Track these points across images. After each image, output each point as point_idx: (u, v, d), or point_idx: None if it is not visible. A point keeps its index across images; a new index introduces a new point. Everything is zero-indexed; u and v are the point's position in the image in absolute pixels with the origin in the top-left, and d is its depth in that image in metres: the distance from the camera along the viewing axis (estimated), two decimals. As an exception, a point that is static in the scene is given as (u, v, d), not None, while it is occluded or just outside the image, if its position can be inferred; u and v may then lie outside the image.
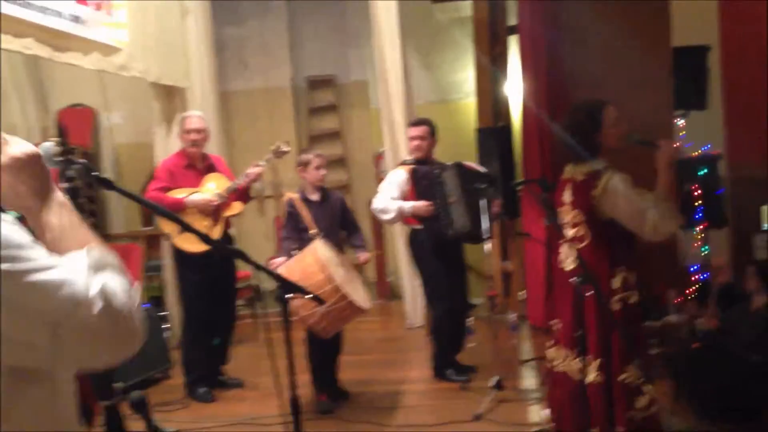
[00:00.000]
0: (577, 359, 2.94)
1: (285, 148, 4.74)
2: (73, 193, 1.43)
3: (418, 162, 4.68)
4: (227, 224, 4.78)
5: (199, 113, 4.97)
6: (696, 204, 5.67)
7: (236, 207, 4.79)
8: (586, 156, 3.03)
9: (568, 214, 3.10)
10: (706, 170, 5.75)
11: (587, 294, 2.77)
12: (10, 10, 3.90)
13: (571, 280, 2.88)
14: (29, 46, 4.17)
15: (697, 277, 5.82)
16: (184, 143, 4.74)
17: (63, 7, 4.41)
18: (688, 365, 4.05)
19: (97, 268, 1.10)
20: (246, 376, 4.97)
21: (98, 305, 1.05)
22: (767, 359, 3.84)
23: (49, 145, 1.45)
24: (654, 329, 5.02)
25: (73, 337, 1.04)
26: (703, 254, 5.89)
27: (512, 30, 6.32)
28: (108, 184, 1.72)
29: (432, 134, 4.71)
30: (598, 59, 5.54)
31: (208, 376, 4.77)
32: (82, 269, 1.08)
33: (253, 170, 4.66)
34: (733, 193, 5.92)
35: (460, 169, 4.56)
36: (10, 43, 3.99)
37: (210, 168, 4.79)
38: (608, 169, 2.98)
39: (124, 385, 2.56)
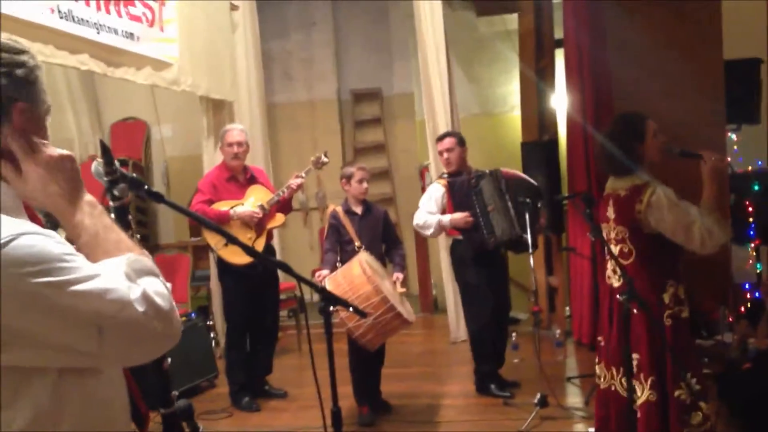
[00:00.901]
0: (625, 377, 2.89)
1: (325, 159, 4.78)
2: (120, 211, 1.47)
3: (453, 174, 4.67)
4: (269, 236, 4.84)
5: (241, 126, 5.04)
6: (749, 220, 5.52)
7: (279, 219, 4.85)
8: (628, 168, 2.98)
9: (612, 230, 3.06)
10: (758, 186, 5.60)
11: (634, 311, 2.72)
12: (66, 27, 4.03)
13: (618, 297, 2.84)
14: (85, 61, 4.31)
15: (749, 295, 5.65)
16: (226, 156, 4.81)
17: (118, 24, 4.55)
18: (738, 386, 3.93)
19: (137, 273, 1.18)
20: (289, 386, 5.01)
21: (140, 308, 1.13)
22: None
23: (95, 166, 1.50)
24: (704, 348, 4.90)
25: (118, 337, 1.12)
26: (756, 272, 5.73)
27: (558, 43, 6.27)
28: (158, 198, 1.76)
29: (460, 144, 4.69)
30: (646, 73, 5.45)
31: (252, 386, 4.82)
32: (123, 275, 1.15)
33: (294, 182, 4.72)
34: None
35: (496, 176, 4.53)
36: (66, 59, 4.12)
37: (251, 180, 4.86)
38: (651, 183, 2.93)
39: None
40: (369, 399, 4.40)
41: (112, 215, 1.46)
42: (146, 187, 1.65)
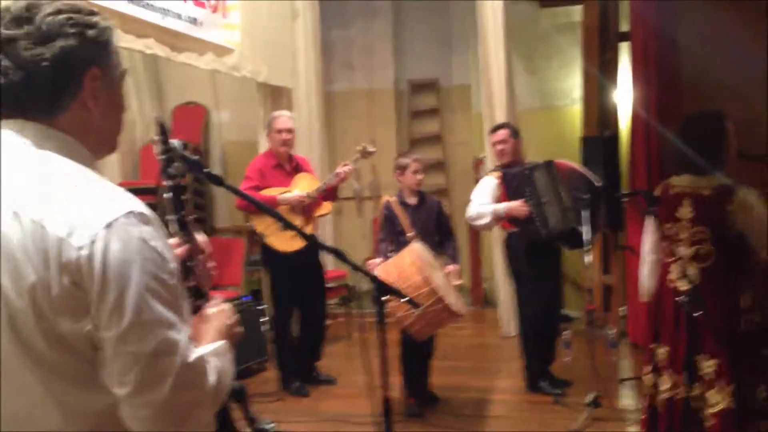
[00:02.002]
0: (690, 385, 2.81)
1: (371, 149, 4.76)
2: (175, 191, 1.46)
3: (506, 166, 4.60)
4: (316, 224, 4.87)
5: (289, 113, 5.04)
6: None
7: (325, 207, 4.87)
8: (711, 168, 2.88)
9: (686, 231, 2.93)
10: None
11: (699, 315, 2.64)
12: (133, 11, 4.12)
13: (678, 299, 2.75)
14: (150, 45, 4.40)
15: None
16: (274, 143, 4.81)
17: (182, 9, 4.63)
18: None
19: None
20: (339, 374, 5.03)
21: (191, 363, 1.10)
22: None
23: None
24: None
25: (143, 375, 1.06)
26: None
27: (623, 36, 6.11)
28: (217, 181, 1.77)
29: (514, 135, 4.63)
30: (714, 67, 5.27)
31: (302, 372, 4.86)
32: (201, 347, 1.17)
33: (341, 169, 4.71)
34: None
35: (550, 167, 4.44)
36: (132, 42, 4.21)
37: (297, 168, 4.88)
38: (740, 184, 2.83)
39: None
40: (417, 390, 4.39)
41: (168, 194, 1.47)
42: (206, 170, 1.67)
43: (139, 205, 1.10)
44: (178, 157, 1.49)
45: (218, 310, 1.36)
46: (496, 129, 4.75)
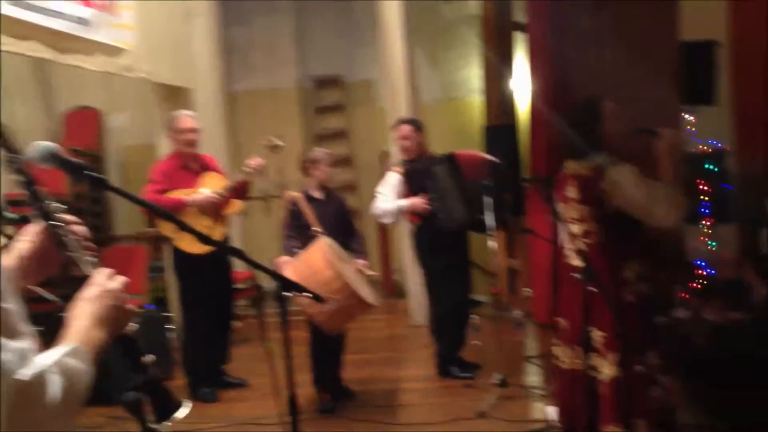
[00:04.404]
0: (587, 355, 2.93)
1: (278, 143, 4.70)
2: (27, 184, 1.37)
3: (410, 161, 4.67)
4: (227, 223, 4.79)
5: (191, 113, 4.93)
6: (703, 199, 5.63)
7: (236, 205, 4.79)
8: (588, 151, 3.02)
9: (574, 211, 3.08)
10: (713, 166, 5.72)
11: (593, 289, 2.76)
12: (11, 11, 3.91)
13: (574, 275, 2.87)
14: (33, 48, 4.20)
15: (703, 272, 5.78)
16: (179, 144, 4.67)
17: (67, 9, 4.43)
18: (694, 361, 4.02)
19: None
20: (249, 376, 4.97)
21: (26, 381, 1.02)
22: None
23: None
24: (659, 325, 4.99)
25: None
26: (709, 249, 5.85)
27: (519, 27, 6.29)
28: (101, 184, 1.70)
29: (417, 130, 4.69)
30: (605, 55, 5.50)
31: (211, 377, 4.78)
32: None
33: (251, 163, 4.64)
34: (740, 188, 5.87)
35: (452, 160, 4.55)
36: (12, 45, 4.01)
37: (203, 168, 4.78)
38: (614, 162, 2.97)
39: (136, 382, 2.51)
40: (330, 386, 4.39)
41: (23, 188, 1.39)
42: (88, 172, 1.59)
43: None
44: (17, 159, 1.40)
45: (98, 293, 1.28)
46: (399, 124, 4.79)
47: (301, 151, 5.15)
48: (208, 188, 4.64)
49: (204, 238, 2.20)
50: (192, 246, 4.45)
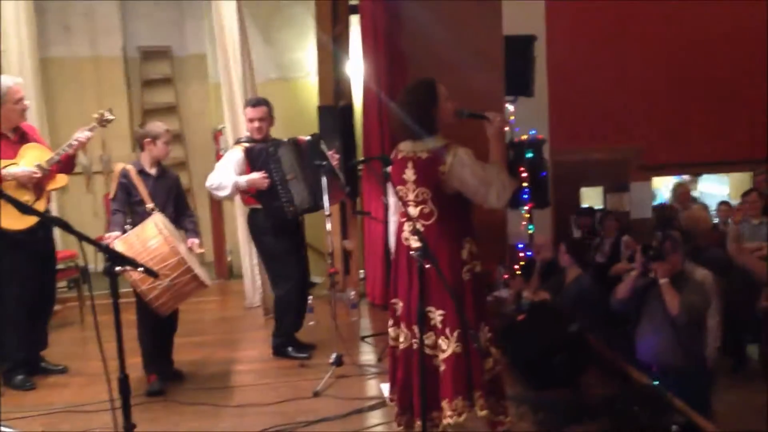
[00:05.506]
0: (425, 335, 3.02)
1: (109, 116, 4.41)
2: None
3: (254, 141, 4.57)
4: (48, 199, 4.43)
5: (18, 79, 4.51)
6: (522, 185, 6.04)
7: (60, 180, 4.43)
8: (424, 133, 3.08)
9: (411, 192, 3.13)
10: (532, 153, 6.14)
11: (428, 267, 2.83)
12: None
13: (411, 253, 2.94)
14: None
15: (523, 254, 6.21)
16: (10, 114, 4.23)
17: None
18: (514, 336, 4.31)
19: None
20: (72, 361, 4.66)
21: None
22: (582, 329, 4.19)
23: None
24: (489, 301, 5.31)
25: None
26: (528, 233, 6.30)
27: (354, 10, 6.34)
28: None
29: (271, 114, 4.62)
30: (435, 42, 5.70)
31: (26, 363, 4.41)
32: None
33: (79, 135, 4.31)
34: (556, 175, 6.37)
35: (295, 145, 4.52)
36: None
37: (23, 138, 4.38)
38: (452, 145, 3.05)
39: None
40: (159, 368, 4.21)
41: None
42: None
43: None
44: None
45: None
46: (256, 104, 4.60)
47: (127, 126, 4.89)
48: (27, 160, 4.24)
49: (26, 208, 2.02)
50: (11, 221, 4.06)
